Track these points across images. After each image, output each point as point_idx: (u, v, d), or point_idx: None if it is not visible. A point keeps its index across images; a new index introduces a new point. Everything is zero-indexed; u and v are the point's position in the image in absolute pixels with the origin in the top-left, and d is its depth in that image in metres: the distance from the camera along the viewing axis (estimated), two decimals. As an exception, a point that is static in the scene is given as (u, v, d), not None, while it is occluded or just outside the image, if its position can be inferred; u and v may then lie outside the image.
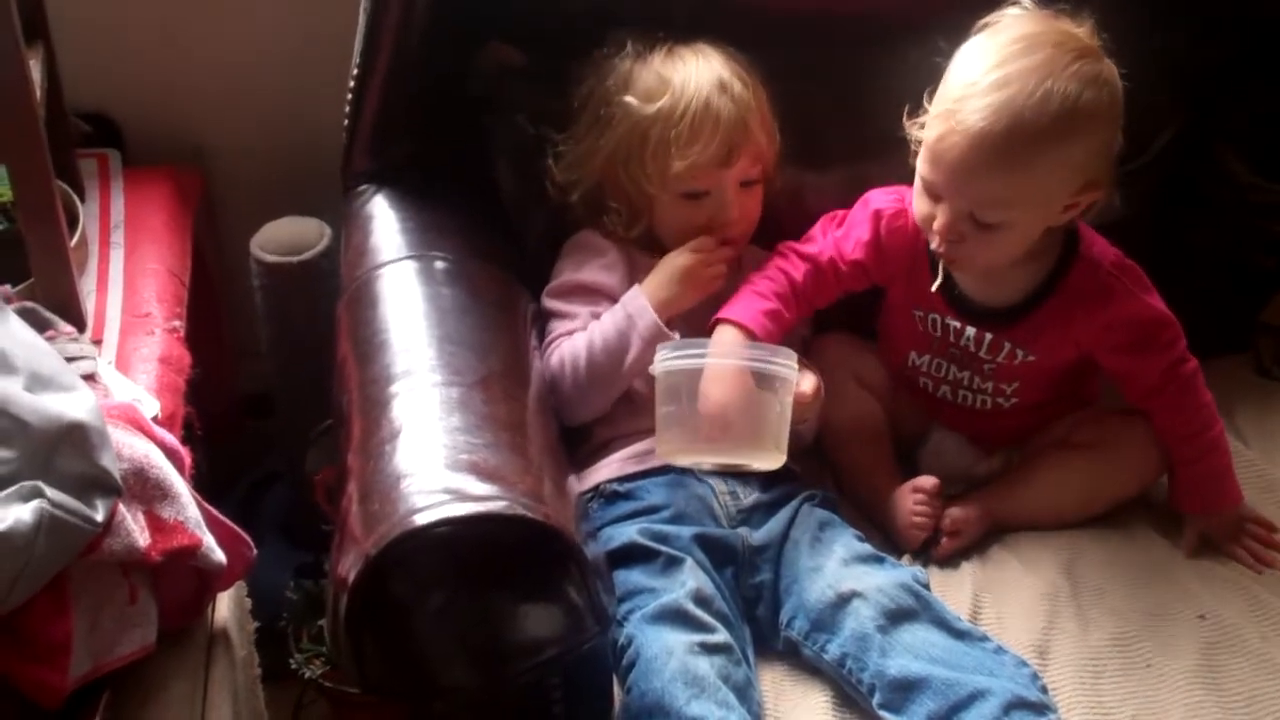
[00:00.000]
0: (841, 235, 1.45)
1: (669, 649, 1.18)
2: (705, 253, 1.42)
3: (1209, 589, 1.37)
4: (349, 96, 1.50)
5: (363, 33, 1.46)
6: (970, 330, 1.43)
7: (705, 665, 1.17)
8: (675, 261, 1.42)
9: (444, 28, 1.47)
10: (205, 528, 1.12)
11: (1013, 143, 1.26)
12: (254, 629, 1.34)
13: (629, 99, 1.42)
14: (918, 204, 1.36)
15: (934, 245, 1.36)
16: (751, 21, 1.50)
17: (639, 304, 1.40)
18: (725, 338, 1.36)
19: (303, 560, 1.71)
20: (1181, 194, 1.38)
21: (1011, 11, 1.34)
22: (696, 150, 1.39)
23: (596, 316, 1.43)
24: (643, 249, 1.48)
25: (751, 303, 1.39)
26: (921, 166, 1.34)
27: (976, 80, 1.27)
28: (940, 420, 1.52)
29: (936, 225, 1.33)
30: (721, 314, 1.39)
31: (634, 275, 1.45)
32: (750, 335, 1.36)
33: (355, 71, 1.48)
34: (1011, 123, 1.25)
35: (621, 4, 1.49)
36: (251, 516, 1.79)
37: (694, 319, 1.42)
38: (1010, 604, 1.33)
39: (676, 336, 1.37)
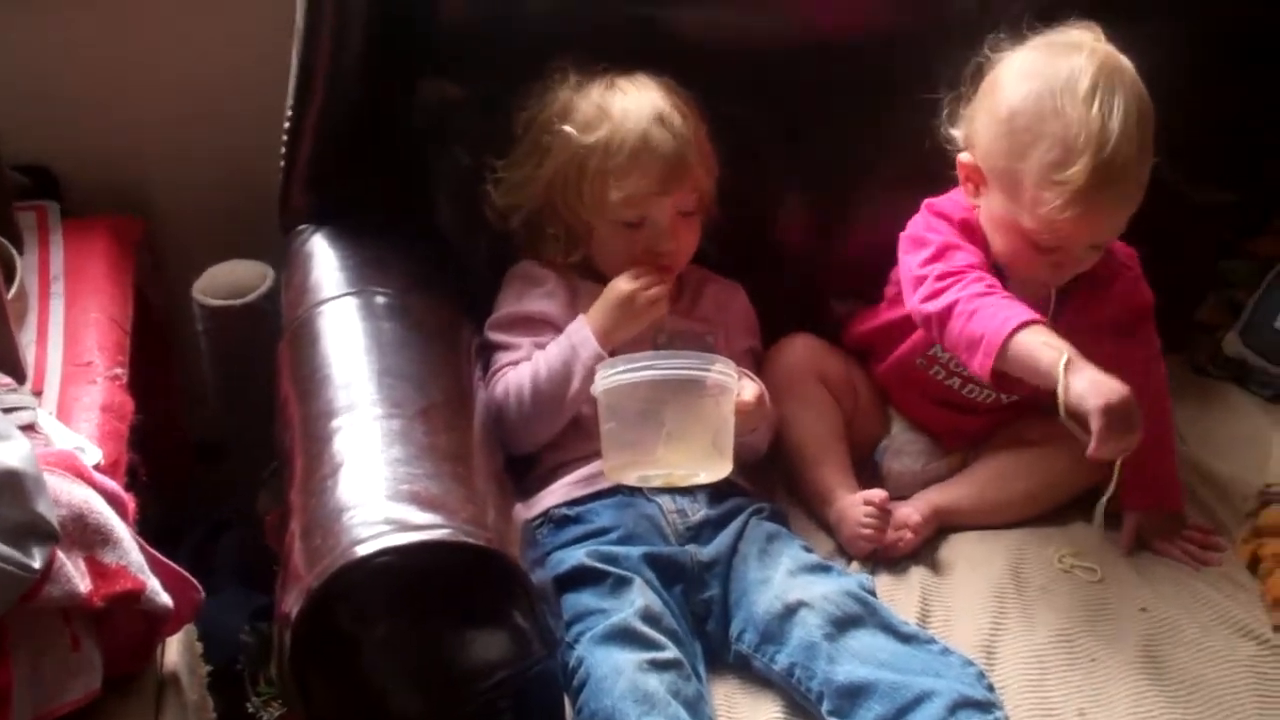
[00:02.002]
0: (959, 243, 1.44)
1: (618, 668, 1.19)
2: (645, 278, 1.43)
3: (1149, 584, 1.39)
4: (284, 136, 1.50)
5: (295, 72, 1.46)
6: None
7: (655, 682, 1.18)
8: (615, 289, 1.42)
9: (377, 64, 1.48)
10: (149, 572, 1.11)
11: (1142, 166, 1.33)
12: (207, 672, 1.34)
13: (568, 129, 1.43)
14: (1025, 259, 1.39)
15: (1054, 282, 1.41)
16: (693, 52, 1.52)
17: (583, 334, 1.40)
18: (1037, 338, 1.29)
19: (259, 604, 1.70)
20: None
21: (1034, 45, 1.38)
22: (633, 181, 1.41)
23: (540, 346, 1.44)
24: (583, 275, 1.49)
25: (1014, 304, 1.35)
26: (1040, 233, 1.34)
27: (1086, 131, 1.30)
28: (919, 415, 1.53)
29: (1068, 271, 1.39)
30: (1017, 322, 1.30)
31: (575, 301, 1.46)
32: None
33: (289, 111, 1.48)
34: (1140, 146, 1.32)
35: (561, 34, 1.50)
36: (207, 562, 1.78)
37: (639, 348, 1.42)
38: (958, 606, 1.35)
39: None
